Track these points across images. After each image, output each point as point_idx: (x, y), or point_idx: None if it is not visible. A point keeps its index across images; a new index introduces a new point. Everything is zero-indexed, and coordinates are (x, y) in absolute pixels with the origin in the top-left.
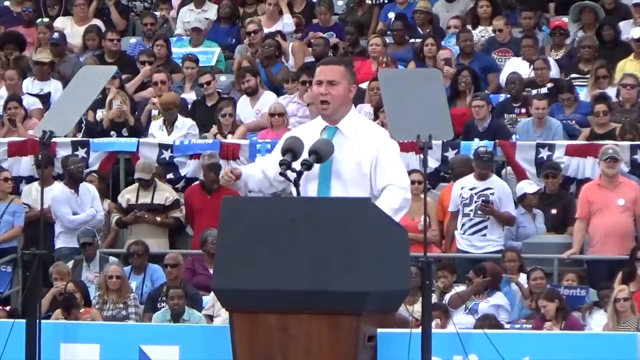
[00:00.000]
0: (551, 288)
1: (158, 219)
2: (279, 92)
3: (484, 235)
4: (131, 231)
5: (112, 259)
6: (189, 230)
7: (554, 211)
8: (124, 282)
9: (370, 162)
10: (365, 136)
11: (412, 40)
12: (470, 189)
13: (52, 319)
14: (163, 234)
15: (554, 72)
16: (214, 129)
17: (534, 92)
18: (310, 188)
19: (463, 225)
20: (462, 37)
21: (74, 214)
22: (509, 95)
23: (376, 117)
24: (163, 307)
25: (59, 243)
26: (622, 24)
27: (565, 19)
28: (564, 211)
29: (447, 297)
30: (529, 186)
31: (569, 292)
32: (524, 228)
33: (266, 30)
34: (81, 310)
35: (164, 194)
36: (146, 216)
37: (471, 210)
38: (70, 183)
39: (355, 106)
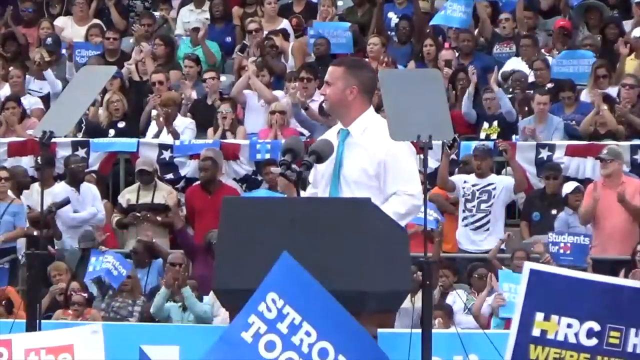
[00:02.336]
0: None
1: (159, 218)
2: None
3: (487, 230)
4: (132, 231)
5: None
6: (190, 230)
7: (554, 212)
8: (135, 283)
9: (376, 165)
10: (372, 138)
11: (412, 40)
12: (473, 185)
13: (53, 319)
14: (164, 234)
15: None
16: (210, 131)
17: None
18: (323, 191)
19: (464, 219)
20: (462, 37)
21: (75, 212)
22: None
23: None
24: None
25: (60, 243)
26: (623, 23)
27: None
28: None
29: (449, 298)
30: (566, 186)
31: None
32: (574, 228)
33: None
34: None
35: (164, 193)
36: (148, 215)
37: (473, 206)
38: (71, 182)
39: None
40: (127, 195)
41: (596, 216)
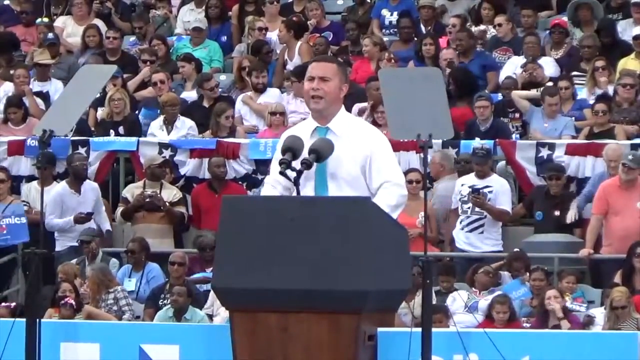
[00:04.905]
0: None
1: (167, 203)
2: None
3: (482, 232)
4: (135, 232)
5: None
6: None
7: (557, 213)
8: (94, 283)
9: (363, 161)
10: (356, 135)
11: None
12: (470, 187)
13: (46, 318)
14: (168, 234)
15: (553, 71)
16: (208, 133)
17: (534, 91)
18: (307, 189)
19: (461, 222)
20: (458, 37)
21: (74, 212)
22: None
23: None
24: (165, 304)
25: (58, 244)
26: (622, 23)
27: (565, 17)
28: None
29: (449, 298)
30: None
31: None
32: None
33: (268, 34)
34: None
35: (171, 191)
36: (159, 196)
37: (469, 208)
38: (73, 181)
39: (353, 105)
40: (133, 190)
41: (609, 215)
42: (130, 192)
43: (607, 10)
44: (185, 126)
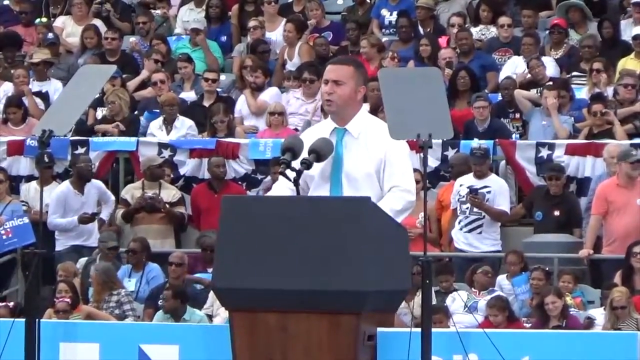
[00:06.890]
0: (557, 287)
1: (167, 205)
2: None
3: (480, 233)
4: (136, 233)
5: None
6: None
7: (556, 213)
8: (97, 283)
9: (377, 163)
10: (373, 137)
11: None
12: (468, 187)
13: (45, 318)
14: (169, 234)
15: (553, 71)
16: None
17: (534, 91)
18: (322, 191)
19: (460, 222)
20: (460, 36)
21: (76, 213)
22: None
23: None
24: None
25: (59, 243)
26: (622, 23)
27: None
28: (567, 213)
29: (449, 298)
30: None
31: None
32: None
33: (268, 34)
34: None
35: (170, 191)
36: (160, 196)
37: (467, 208)
38: (76, 182)
39: None
40: (132, 191)
41: (609, 214)
42: (130, 193)
43: (620, 9)
44: (184, 126)
